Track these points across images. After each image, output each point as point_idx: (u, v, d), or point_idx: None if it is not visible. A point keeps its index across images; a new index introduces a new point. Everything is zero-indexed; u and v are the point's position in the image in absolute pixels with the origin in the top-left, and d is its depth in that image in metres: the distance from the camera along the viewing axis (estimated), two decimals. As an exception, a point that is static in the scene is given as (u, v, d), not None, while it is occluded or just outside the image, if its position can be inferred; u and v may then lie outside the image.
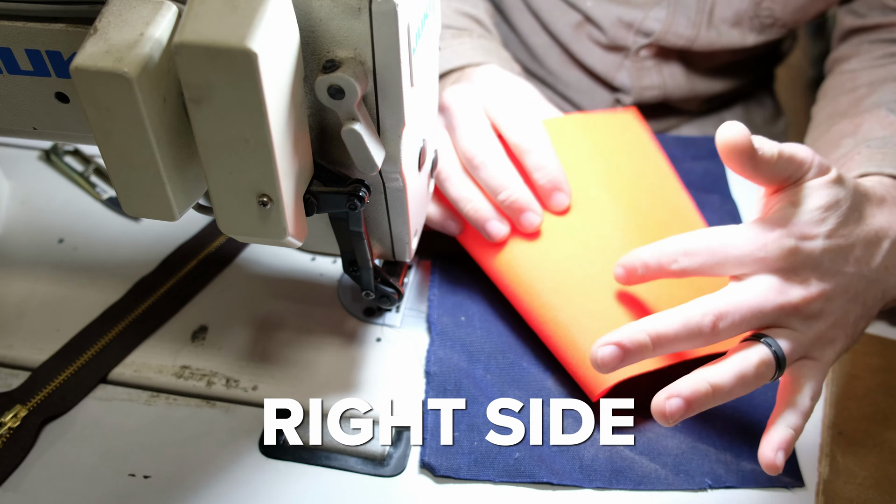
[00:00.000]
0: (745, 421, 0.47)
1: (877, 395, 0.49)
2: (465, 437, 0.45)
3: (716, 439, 0.46)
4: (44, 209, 0.60)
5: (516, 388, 0.48)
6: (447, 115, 0.52)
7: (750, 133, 0.40)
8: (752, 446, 0.44)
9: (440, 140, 0.52)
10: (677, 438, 0.46)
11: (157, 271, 0.55)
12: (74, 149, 0.64)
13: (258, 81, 0.30)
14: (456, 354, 0.49)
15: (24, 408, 0.46)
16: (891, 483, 0.44)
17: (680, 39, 0.68)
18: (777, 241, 0.41)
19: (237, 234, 0.37)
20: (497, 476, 0.44)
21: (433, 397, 0.47)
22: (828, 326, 0.42)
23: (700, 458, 0.45)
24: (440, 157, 0.51)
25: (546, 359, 0.49)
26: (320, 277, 0.55)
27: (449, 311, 0.52)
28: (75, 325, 0.51)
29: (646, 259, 0.44)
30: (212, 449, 0.45)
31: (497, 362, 0.49)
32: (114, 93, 0.31)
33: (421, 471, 0.44)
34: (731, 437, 0.46)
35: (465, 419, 0.46)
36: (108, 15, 0.32)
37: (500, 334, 0.51)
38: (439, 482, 0.44)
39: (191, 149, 0.35)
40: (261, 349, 0.50)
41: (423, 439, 0.45)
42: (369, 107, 0.36)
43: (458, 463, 0.44)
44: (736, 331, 0.41)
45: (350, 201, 0.38)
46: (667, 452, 0.45)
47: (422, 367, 0.49)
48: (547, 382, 0.48)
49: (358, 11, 0.33)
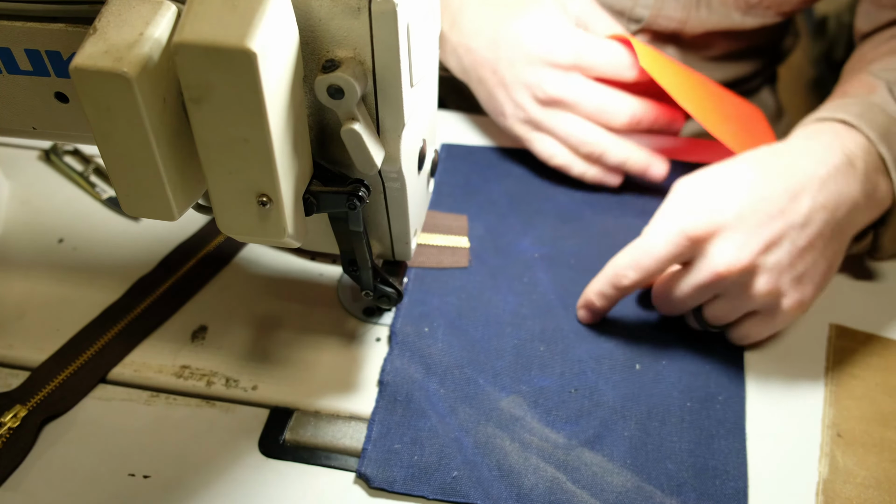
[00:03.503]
0: (699, 465, 0.44)
1: (877, 395, 0.49)
2: (407, 449, 0.44)
3: (664, 481, 0.44)
4: (44, 209, 0.60)
5: (468, 406, 0.46)
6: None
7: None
8: (701, 494, 0.43)
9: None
10: (623, 475, 0.44)
11: (157, 270, 0.55)
12: (74, 149, 0.64)
13: (258, 81, 0.30)
14: (412, 366, 0.48)
15: (24, 408, 0.46)
16: (891, 483, 0.44)
17: (671, 22, 0.68)
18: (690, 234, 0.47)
19: (237, 233, 0.37)
20: (431, 493, 0.42)
21: (382, 407, 0.46)
22: (766, 288, 0.46)
23: (643, 499, 0.43)
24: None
25: (504, 377, 0.48)
26: (320, 277, 0.55)
27: (414, 321, 0.51)
28: (75, 325, 0.51)
29: (598, 289, 0.50)
30: (212, 449, 0.45)
31: (453, 377, 0.48)
32: (113, 93, 0.31)
33: (356, 480, 0.44)
34: (681, 480, 0.44)
35: (409, 432, 0.45)
36: (107, 15, 0.32)
37: (461, 348, 0.50)
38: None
39: (190, 149, 0.35)
40: (261, 349, 0.50)
41: (363, 450, 0.44)
42: (369, 107, 0.36)
43: (393, 475, 0.43)
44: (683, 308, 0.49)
45: (350, 201, 0.38)
46: (610, 489, 0.43)
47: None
48: (501, 403, 0.47)
49: (357, 11, 0.33)
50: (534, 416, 0.46)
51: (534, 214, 0.59)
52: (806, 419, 0.47)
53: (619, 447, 0.45)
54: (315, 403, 0.47)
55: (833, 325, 0.53)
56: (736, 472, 0.44)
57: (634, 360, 0.50)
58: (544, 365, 0.49)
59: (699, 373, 0.49)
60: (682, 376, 0.49)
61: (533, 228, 0.58)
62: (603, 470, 0.44)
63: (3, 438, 0.44)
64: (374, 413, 0.46)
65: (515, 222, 0.59)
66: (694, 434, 0.46)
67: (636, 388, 0.48)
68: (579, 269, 0.55)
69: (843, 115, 0.51)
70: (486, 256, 0.56)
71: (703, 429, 0.46)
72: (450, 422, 0.46)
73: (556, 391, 0.48)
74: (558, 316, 0.52)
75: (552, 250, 0.57)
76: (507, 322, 0.51)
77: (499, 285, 0.54)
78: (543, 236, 0.58)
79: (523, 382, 0.48)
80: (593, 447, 0.45)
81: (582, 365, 0.49)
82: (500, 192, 0.61)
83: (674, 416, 0.47)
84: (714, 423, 0.47)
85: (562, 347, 0.50)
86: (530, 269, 0.55)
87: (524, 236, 0.58)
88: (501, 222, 0.59)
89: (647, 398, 0.48)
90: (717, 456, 0.45)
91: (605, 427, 0.46)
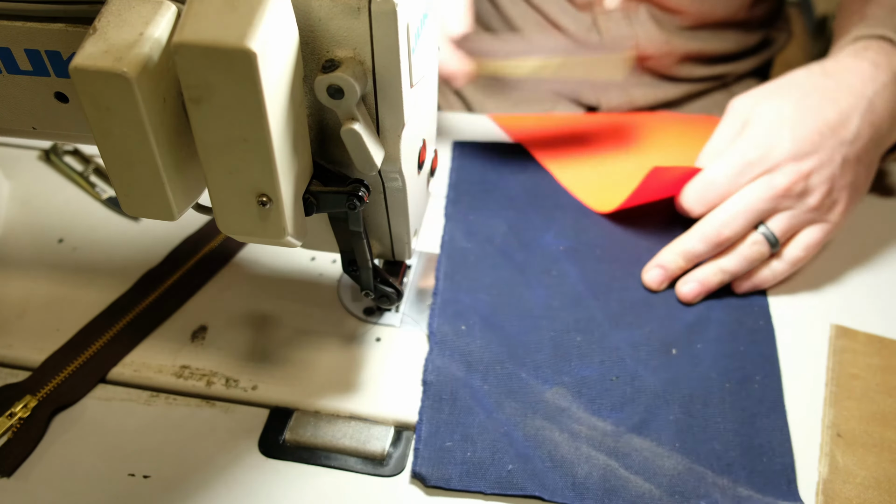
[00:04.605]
0: (745, 444, 0.46)
1: (877, 395, 0.49)
2: (459, 447, 0.45)
3: (713, 462, 0.45)
4: (44, 209, 0.60)
5: (513, 400, 0.47)
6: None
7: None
8: (751, 472, 0.44)
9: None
10: (674, 458, 0.45)
11: (160, 267, 0.55)
12: (74, 149, 0.64)
13: (257, 81, 0.30)
14: (454, 364, 0.49)
15: (35, 398, 0.46)
16: (890, 483, 0.44)
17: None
18: (744, 168, 0.53)
19: (236, 233, 0.37)
20: (488, 488, 0.43)
21: (429, 406, 0.47)
22: (822, 196, 0.52)
23: (696, 480, 0.44)
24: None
25: (546, 369, 0.49)
26: (320, 277, 0.55)
27: (449, 319, 0.52)
28: (75, 324, 0.51)
29: (685, 248, 0.54)
30: (211, 449, 0.45)
31: (495, 372, 0.49)
32: (113, 93, 0.31)
33: (412, 481, 0.44)
34: (730, 460, 0.45)
35: (458, 429, 0.45)
36: (107, 15, 0.32)
37: (499, 344, 0.50)
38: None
39: (190, 149, 0.35)
40: (261, 349, 0.50)
41: (415, 449, 0.45)
42: (368, 107, 0.36)
43: (449, 473, 0.44)
44: (741, 231, 0.53)
45: (349, 201, 0.38)
46: (662, 472, 0.44)
47: (421, 366, 0.49)
48: (545, 395, 0.48)
49: (357, 11, 0.33)
50: (579, 405, 0.47)
51: (553, 208, 0.60)
52: (806, 419, 0.47)
53: (666, 431, 0.46)
54: (315, 403, 0.47)
55: (833, 326, 0.53)
56: (781, 449, 0.45)
57: (670, 346, 0.51)
58: (583, 355, 0.50)
59: (734, 355, 0.50)
60: (718, 359, 0.50)
61: (554, 222, 0.59)
62: (653, 454, 0.45)
63: (13, 429, 0.45)
64: (420, 412, 0.46)
65: (536, 217, 0.60)
66: (737, 414, 0.47)
67: (675, 372, 0.49)
68: (605, 260, 0.56)
69: (884, 31, 0.55)
70: (511, 252, 0.57)
71: (745, 408, 0.47)
72: (498, 417, 0.46)
73: (597, 380, 0.49)
74: (590, 306, 0.53)
75: (576, 243, 0.58)
76: (541, 315, 0.52)
77: (528, 280, 0.55)
78: (566, 229, 0.59)
79: (564, 373, 0.49)
80: (641, 432, 0.46)
81: (619, 352, 0.50)
82: (518, 187, 0.62)
83: (715, 397, 0.48)
84: (754, 402, 0.48)
85: (598, 336, 0.51)
86: (557, 262, 0.56)
87: (547, 231, 0.58)
88: (522, 218, 0.60)
89: (687, 382, 0.49)
90: (762, 434, 0.46)
91: (649, 412, 0.47)
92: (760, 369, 0.50)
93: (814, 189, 0.52)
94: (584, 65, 0.61)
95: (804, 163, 0.51)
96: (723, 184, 0.53)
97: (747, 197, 0.52)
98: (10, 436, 0.44)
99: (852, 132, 0.52)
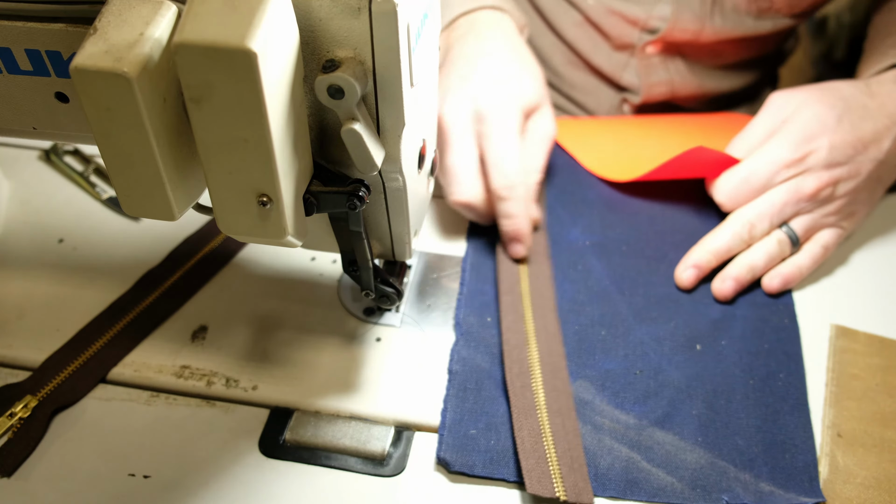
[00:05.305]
0: (768, 440, 0.46)
1: (877, 395, 0.49)
2: (483, 435, 0.45)
3: (736, 457, 0.45)
4: (44, 209, 0.60)
5: None
6: (440, 125, 0.53)
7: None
8: (773, 468, 0.44)
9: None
10: (696, 453, 0.45)
11: (160, 267, 0.55)
12: (74, 149, 0.64)
13: (258, 81, 0.30)
14: (479, 355, 0.49)
15: (35, 398, 0.46)
16: (891, 483, 0.44)
17: (686, 34, 0.69)
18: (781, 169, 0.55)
19: (237, 233, 0.37)
20: (512, 476, 0.43)
21: (454, 395, 0.47)
22: (843, 204, 0.55)
23: (718, 474, 0.44)
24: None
25: (570, 362, 0.49)
26: (320, 277, 0.55)
27: (476, 310, 0.52)
28: (75, 325, 0.51)
29: (714, 248, 0.55)
30: (212, 449, 0.45)
31: None
32: (113, 93, 0.31)
33: (437, 468, 0.44)
34: (752, 455, 0.45)
35: (483, 418, 0.46)
36: (107, 15, 0.32)
37: None
38: (439, 482, 0.44)
39: (190, 149, 0.35)
40: (261, 349, 0.50)
41: (439, 435, 0.45)
42: (369, 107, 0.36)
43: (473, 460, 0.44)
44: (768, 230, 0.55)
45: (350, 201, 0.38)
46: (684, 466, 0.44)
47: (421, 366, 0.49)
48: (569, 387, 0.48)
49: (358, 11, 0.33)
50: (602, 398, 0.47)
51: (579, 204, 0.61)
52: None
53: (689, 425, 0.46)
54: (315, 403, 0.47)
55: (833, 326, 0.53)
56: (804, 446, 0.46)
57: (694, 341, 0.51)
58: (607, 349, 0.50)
59: (758, 352, 0.50)
60: (743, 356, 0.50)
61: (581, 218, 0.60)
62: (676, 448, 0.45)
63: (14, 429, 0.45)
64: (445, 400, 0.47)
65: (563, 213, 0.60)
66: (760, 410, 0.47)
67: (699, 367, 0.49)
68: (631, 256, 0.57)
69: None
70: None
71: (768, 405, 0.48)
72: None
73: (621, 373, 0.49)
74: (615, 301, 0.53)
75: (602, 238, 0.58)
76: (567, 309, 0.53)
77: (554, 274, 0.55)
78: (592, 225, 0.59)
79: (588, 367, 0.49)
80: (664, 426, 0.46)
81: (644, 347, 0.50)
82: (544, 183, 0.62)
83: (738, 393, 0.48)
84: (777, 399, 0.48)
85: (622, 331, 0.51)
86: (583, 257, 0.57)
87: (573, 226, 0.59)
88: (549, 213, 0.60)
89: (711, 377, 0.49)
90: (785, 431, 0.46)
91: (672, 406, 0.47)
92: (784, 367, 0.50)
93: (838, 197, 0.55)
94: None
95: (834, 171, 0.54)
96: (759, 183, 0.55)
97: (776, 198, 0.54)
98: (10, 436, 0.44)
99: (882, 152, 0.55)
